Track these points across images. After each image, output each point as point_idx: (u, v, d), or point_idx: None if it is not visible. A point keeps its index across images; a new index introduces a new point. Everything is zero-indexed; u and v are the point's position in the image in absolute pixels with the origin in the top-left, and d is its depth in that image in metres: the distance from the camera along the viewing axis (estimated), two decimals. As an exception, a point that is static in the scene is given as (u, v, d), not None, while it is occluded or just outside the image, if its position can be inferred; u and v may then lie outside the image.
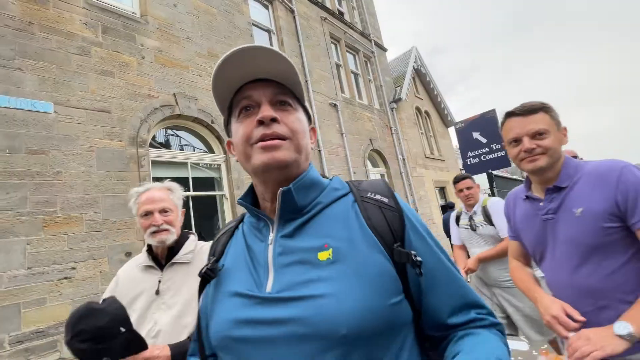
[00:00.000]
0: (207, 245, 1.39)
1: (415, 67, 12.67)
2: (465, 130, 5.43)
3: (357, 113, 8.98)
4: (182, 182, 4.98)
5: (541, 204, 1.14)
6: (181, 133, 5.11)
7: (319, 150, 7.09)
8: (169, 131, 4.97)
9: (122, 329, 0.92)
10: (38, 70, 3.54)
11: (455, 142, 15.20)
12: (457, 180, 3.02)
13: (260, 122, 0.57)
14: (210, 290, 0.62)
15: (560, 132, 1.14)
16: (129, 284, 1.27)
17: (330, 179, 0.67)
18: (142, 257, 1.34)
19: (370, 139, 8.99)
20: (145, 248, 1.35)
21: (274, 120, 0.58)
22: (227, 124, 0.68)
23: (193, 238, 1.41)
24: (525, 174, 1.23)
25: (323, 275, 0.52)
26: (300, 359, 0.49)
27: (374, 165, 9.11)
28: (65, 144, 3.56)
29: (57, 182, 3.42)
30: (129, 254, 3.78)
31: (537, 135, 1.11)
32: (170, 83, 4.76)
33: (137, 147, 4.15)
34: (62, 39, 3.80)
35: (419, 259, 0.55)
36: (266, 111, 0.58)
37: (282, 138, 0.57)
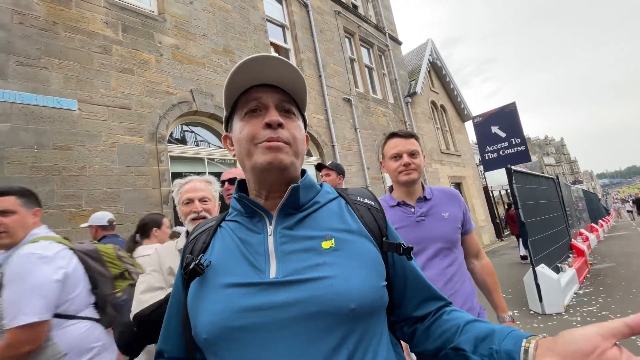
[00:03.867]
0: None
1: (431, 60, 12.42)
2: (483, 125, 5.30)
3: (371, 108, 8.91)
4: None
5: (413, 209, 1.45)
6: (198, 129, 5.21)
7: (333, 146, 7.09)
8: (185, 127, 5.07)
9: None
10: (63, 68, 3.67)
11: (472, 137, 14.89)
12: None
13: (268, 125, 0.62)
14: (194, 287, 0.63)
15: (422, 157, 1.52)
16: (169, 257, 1.36)
17: (320, 185, 0.74)
18: (182, 241, 1.43)
19: (384, 134, 8.90)
20: (183, 234, 1.47)
21: (280, 125, 0.63)
22: (228, 120, 0.73)
23: None
24: (390, 186, 1.61)
25: (328, 260, 0.58)
26: (307, 338, 0.52)
27: (388, 160, 9.04)
28: (89, 140, 3.69)
29: (82, 177, 3.55)
30: (149, 247, 3.90)
31: (412, 154, 1.46)
32: (187, 80, 4.84)
33: (157, 142, 4.26)
34: (85, 38, 3.92)
35: (410, 245, 0.69)
36: (275, 116, 0.63)
37: (285, 142, 0.63)
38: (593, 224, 12.73)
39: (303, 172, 0.72)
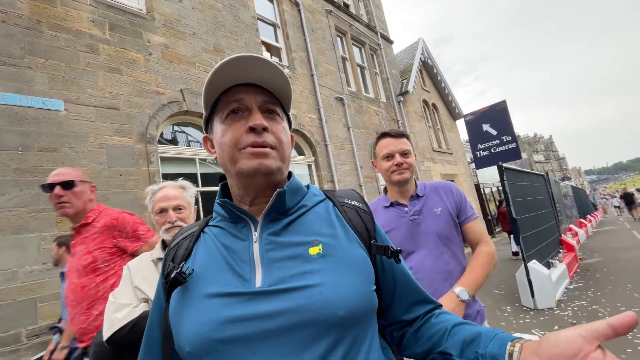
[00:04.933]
0: None
1: (422, 59, 12.49)
2: (475, 122, 5.34)
3: (363, 107, 8.92)
4: (191, 178, 5.02)
5: (406, 208, 1.43)
6: (189, 129, 5.14)
7: (326, 145, 7.07)
8: (176, 127, 5.00)
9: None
10: (48, 68, 3.58)
11: (463, 135, 15.02)
12: None
13: (252, 129, 0.59)
14: (176, 296, 0.60)
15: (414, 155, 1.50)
16: (143, 272, 1.29)
17: (307, 187, 0.72)
18: (157, 252, 1.36)
19: (377, 133, 8.90)
20: (159, 244, 1.40)
21: (264, 129, 0.60)
22: (208, 121, 0.68)
23: None
24: (383, 187, 1.59)
25: (316, 267, 0.56)
26: (294, 348, 0.51)
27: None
28: (76, 142, 3.60)
29: (69, 179, 3.46)
30: (140, 249, 3.83)
31: (404, 153, 1.44)
32: (177, 79, 4.77)
33: (146, 143, 4.19)
34: (71, 37, 3.83)
35: (398, 248, 0.67)
36: (259, 119, 0.60)
37: (270, 147, 0.60)
38: (582, 220, 12.97)
39: (289, 174, 0.70)
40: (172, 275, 0.59)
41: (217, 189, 0.72)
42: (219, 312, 0.54)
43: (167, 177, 4.50)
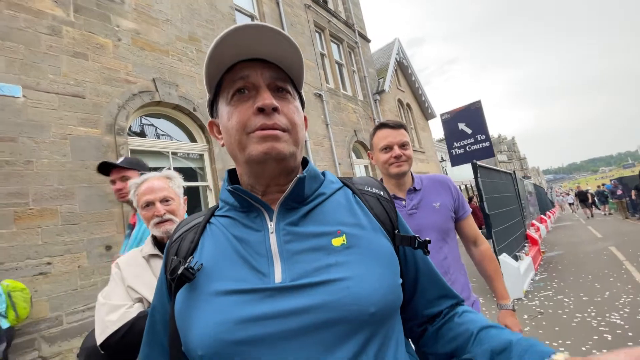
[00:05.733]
0: None
1: (398, 59, 12.72)
2: (451, 121, 5.50)
3: (341, 104, 8.93)
4: (164, 172, 4.78)
5: (404, 202, 1.40)
6: (161, 121, 4.89)
7: (305, 141, 6.99)
8: (148, 119, 4.74)
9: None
10: (5, 50, 3.25)
11: (435, 135, 15.49)
12: None
13: (260, 110, 0.53)
14: (183, 295, 0.54)
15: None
16: (135, 269, 1.20)
17: (323, 174, 0.67)
18: (148, 247, 1.28)
19: (354, 131, 8.98)
20: (149, 239, 1.31)
21: (275, 109, 0.54)
22: (212, 104, 0.62)
23: None
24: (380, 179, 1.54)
25: (341, 259, 0.52)
26: (322, 348, 0.47)
27: (358, 156, 9.13)
28: (36, 131, 3.30)
29: (29, 172, 3.18)
30: (109, 248, 3.59)
31: (403, 145, 1.41)
32: (149, 68, 4.52)
33: (115, 135, 3.93)
34: (31, 17, 3.50)
35: (427, 238, 0.63)
36: (267, 99, 0.53)
37: (282, 129, 0.54)
38: (542, 216, 13.82)
39: (304, 160, 0.64)
40: (179, 272, 0.52)
41: (192, 184, 0.64)
42: (235, 310, 0.48)
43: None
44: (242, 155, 0.55)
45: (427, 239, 0.64)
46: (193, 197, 5.10)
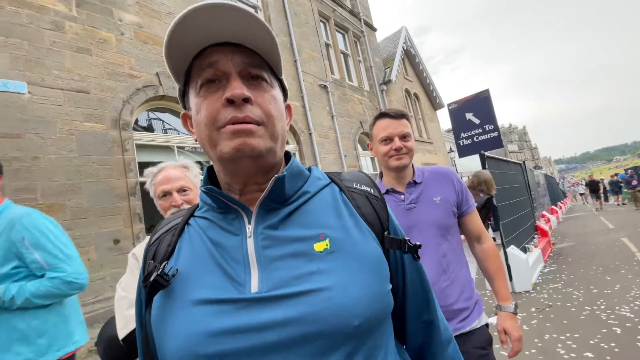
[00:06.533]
0: None
1: (405, 48, 12.48)
2: (458, 111, 5.39)
3: (347, 95, 8.83)
4: (170, 166, 4.82)
5: (402, 196, 1.34)
6: (165, 115, 4.90)
7: (310, 134, 6.97)
8: (154, 113, 4.75)
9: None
10: (9, 47, 3.27)
11: (443, 125, 15.26)
12: None
13: (230, 101, 0.48)
14: (158, 302, 0.51)
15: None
16: None
17: (308, 169, 0.62)
18: None
19: (360, 122, 8.89)
20: None
21: (246, 100, 0.48)
22: (184, 95, 0.56)
23: None
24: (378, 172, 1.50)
25: (323, 267, 0.48)
26: None
27: (364, 148, 9.05)
28: (42, 127, 3.34)
29: (36, 168, 3.22)
30: (117, 242, 3.65)
31: (404, 136, 1.33)
32: (152, 62, 4.51)
33: (120, 129, 3.95)
34: (33, 13, 3.50)
35: (417, 243, 0.59)
36: (237, 88, 0.48)
37: (256, 123, 0.49)
38: (553, 207, 13.59)
39: (287, 155, 0.59)
40: (152, 278, 0.49)
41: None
42: (207, 322, 0.45)
43: (143, 165, 4.28)
44: (213, 152, 0.51)
45: (418, 243, 0.59)
46: (199, 191, 5.14)
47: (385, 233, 0.57)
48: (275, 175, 0.51)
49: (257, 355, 0.44)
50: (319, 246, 0.50)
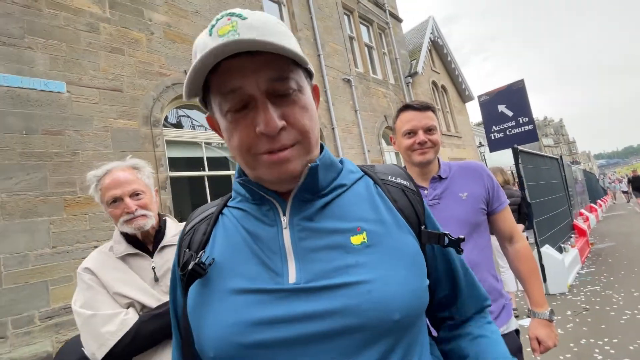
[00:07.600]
0: None
1: (432, 39, 12.07)
2: (489, 103, 5.14)
3: (371, 89, 8.69)
4: (197, 162, 4.97)
5: (426, 192, 1.28)
6: (193, 112, 5.04)
7: (333, 128, 6.93)
8: (183, 110, 4.90)
9: None
10: (48, 48, 3.47)
11: (472, 118, 14.67)
12: None
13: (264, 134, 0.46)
14: (195, 290, 0.52)
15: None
16: (115, 274, 1.08)
17: (340, 161, 0.61)
18: (121, 246, 1.13)
19: (385, 116, 8.73)
20: (117, 237, 1.15)
21: (281, 128, 0.46)
22: (204, 100, 0.52)
23: (170, 219, 1.28)
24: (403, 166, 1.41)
25: (361, 260, 0.48)
26: (339, 356, 0.44)
27: (388, 143, 8.89)
28: (81, 124, 3.53)
29: (75, 163, 3.42)
30: (148, 234, 3.81)
31: (429, 130, 1.27)
32: (181, 60, 4.63)
33: (151, 126, 4.11)
34: (70, 15, 3.69)
35: (461, 236, 0.57)
36: (270, 120, 0.44)
37: (291, 146, 0.48)
38: (592, 204, 12.77)
39: (320, 146, 0.57)
40: (190, 267, 0.50)
41: (224, 173, 0.60)
42: (247, 312, 0.46)
43: (173, 161, 4.44)
44: (251, 173, 0.51)
45: (461, 236, 0.57)
46: (226, 186, 5.26)
47: (422, 227, 0.57)
48: (309, 165, 0.50)
49: (297, 346, 0.44)
50: (356, 239, 0.50)
